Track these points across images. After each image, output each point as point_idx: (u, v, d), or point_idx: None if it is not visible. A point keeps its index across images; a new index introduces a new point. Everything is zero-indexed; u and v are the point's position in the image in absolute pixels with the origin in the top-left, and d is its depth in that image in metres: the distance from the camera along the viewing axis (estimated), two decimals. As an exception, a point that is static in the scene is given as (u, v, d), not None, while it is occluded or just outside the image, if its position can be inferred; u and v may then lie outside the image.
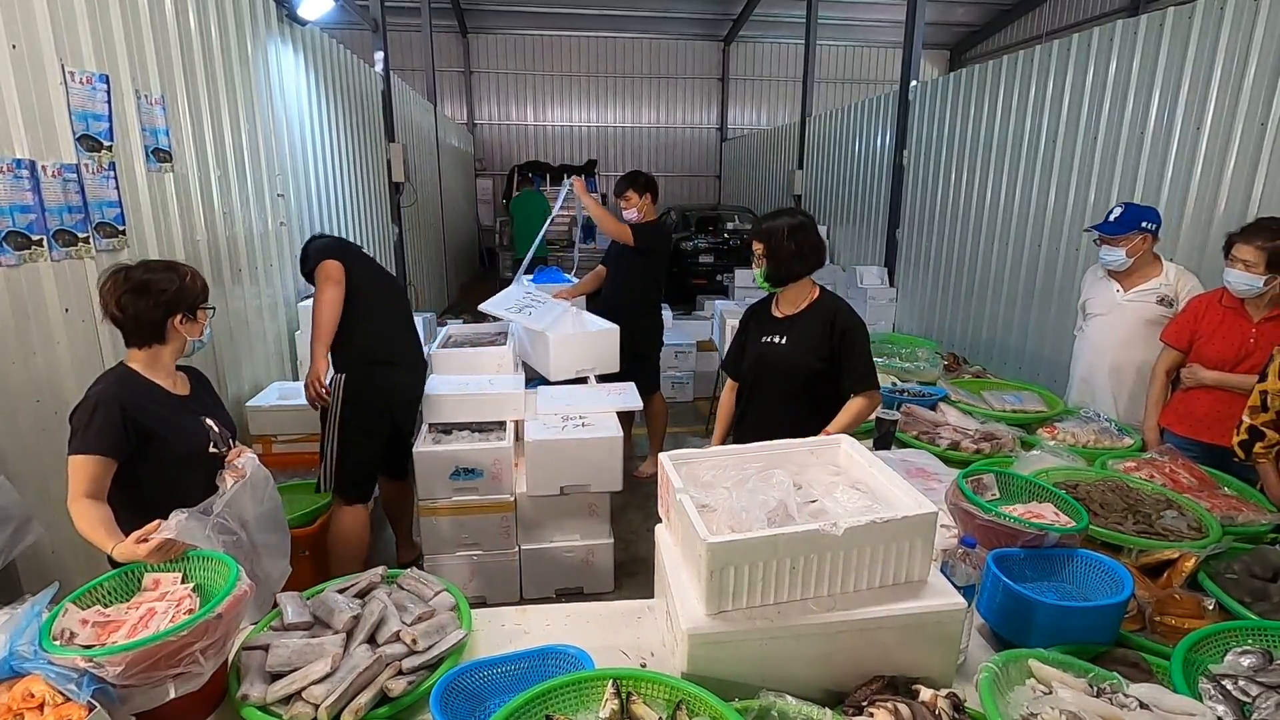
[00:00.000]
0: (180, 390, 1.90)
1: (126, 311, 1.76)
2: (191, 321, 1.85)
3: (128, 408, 1.71)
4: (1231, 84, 3.38)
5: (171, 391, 1.86)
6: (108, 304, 1.77)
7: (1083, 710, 1.10)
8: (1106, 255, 2.82)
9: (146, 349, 1.82)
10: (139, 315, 1.77)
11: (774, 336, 2.34)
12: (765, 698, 1.17)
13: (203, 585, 1.41)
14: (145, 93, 2.82)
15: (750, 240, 2.37)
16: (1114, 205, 2.88)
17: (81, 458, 1.65)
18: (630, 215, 3.98)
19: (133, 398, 1.75)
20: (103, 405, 1.69)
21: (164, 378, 1.86)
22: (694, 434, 5.11)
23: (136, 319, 1.77)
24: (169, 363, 1.87)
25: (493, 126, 14.44)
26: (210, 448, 1.87)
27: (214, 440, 1.88)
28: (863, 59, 14.57)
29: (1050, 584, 1.57)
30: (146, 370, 1.83)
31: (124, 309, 1.76)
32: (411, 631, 1.37)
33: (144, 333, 1.80)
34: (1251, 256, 2.33)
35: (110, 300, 1.76)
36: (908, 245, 6.56)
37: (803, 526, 1.26)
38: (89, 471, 1.64)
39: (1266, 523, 1.91)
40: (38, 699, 1.10)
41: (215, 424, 1.91)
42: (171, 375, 1.89)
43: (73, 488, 1.64)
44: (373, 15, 6.48)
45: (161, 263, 1.86)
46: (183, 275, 1.84)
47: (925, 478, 2.24)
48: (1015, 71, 4.94)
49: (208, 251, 3.28)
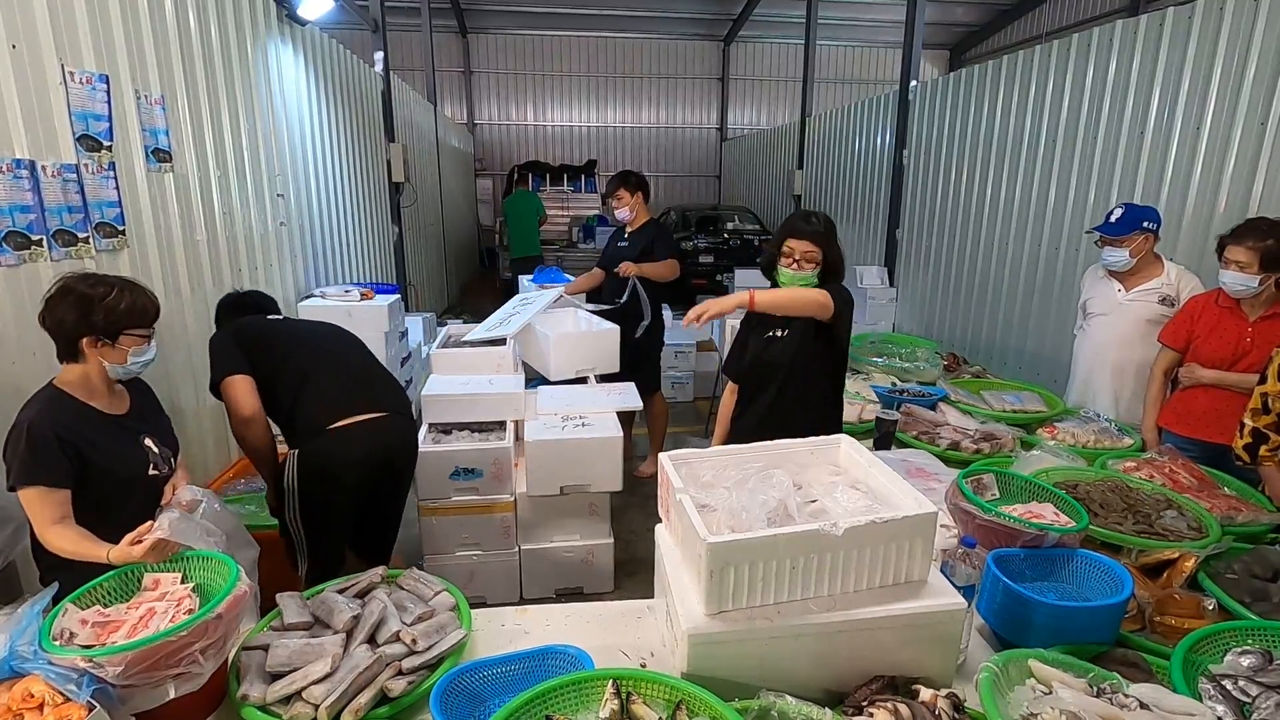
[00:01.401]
0: (117, 409, 1.77)
1: (45, 321, 1.65)
2: (108, 347, 1.67)
3: (61, 433, 1.59)
4: (1231, 84, 3.38)
5: (105, 412, 1.73)
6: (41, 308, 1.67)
7: (1083, 710, 1.10)
8: (1110, 256, 2.82)
9: (74, 366, 1.69)
10: (53, 327, 1.65)
11: (776, 330, 2.30)
12: (765, 698, 1.17)
13: (202, 585, 1.41)
14: (145, 93, 2.82)
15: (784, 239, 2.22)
16: (1114, 206, 2.87)
17: (34, 490, 1.56)
18: (622, 214, 4.01)
19: (64, 420, 1.62)
20: (35, 435, 1.57)
21: (99, 397, 1.72)
22: (694, 434, 5.10)
23: (52, 331, 1.66)
24: (99, 383, 1.72)
25: (493, 126, 14.44)
26: (150, 469, 1.77)
27: (154, 462, 1.78)
28: (863, 59, 14.57)
29: (1050, 584, 1.57)
30: (78, 390, 1.69)
31: (43, 318, 1.65)
32: (411, 631, 1.37)
33: (62, 348, 1.67)
34: (1244, 257, 2.34)
35: (41, 304, 1.66)
36: (908, 245, 6.56)
37: (803, 526, 1.26)
38: (47, 502, 1.56)
39: (1266, 522, 1.91)
40: (38, 699, 1.10)
41: (155, 444, 1.80)
42: (108, 394, 1.75)
43: (38, 521, 1.57)
44: (373, 15, 6.48)
45: (104, 276, 1.73)
46: (103, 294, 1.66)
47: (925, 478, 2.24)
48: (1015, 71, 4.94)
49: (208, 251, 3.28)
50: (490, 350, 3.45)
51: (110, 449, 1.70)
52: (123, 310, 1.68)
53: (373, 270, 6.11)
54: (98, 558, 1.49)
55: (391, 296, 4.55)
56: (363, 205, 5.88)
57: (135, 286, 1.74)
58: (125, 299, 1.69)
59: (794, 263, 2.19)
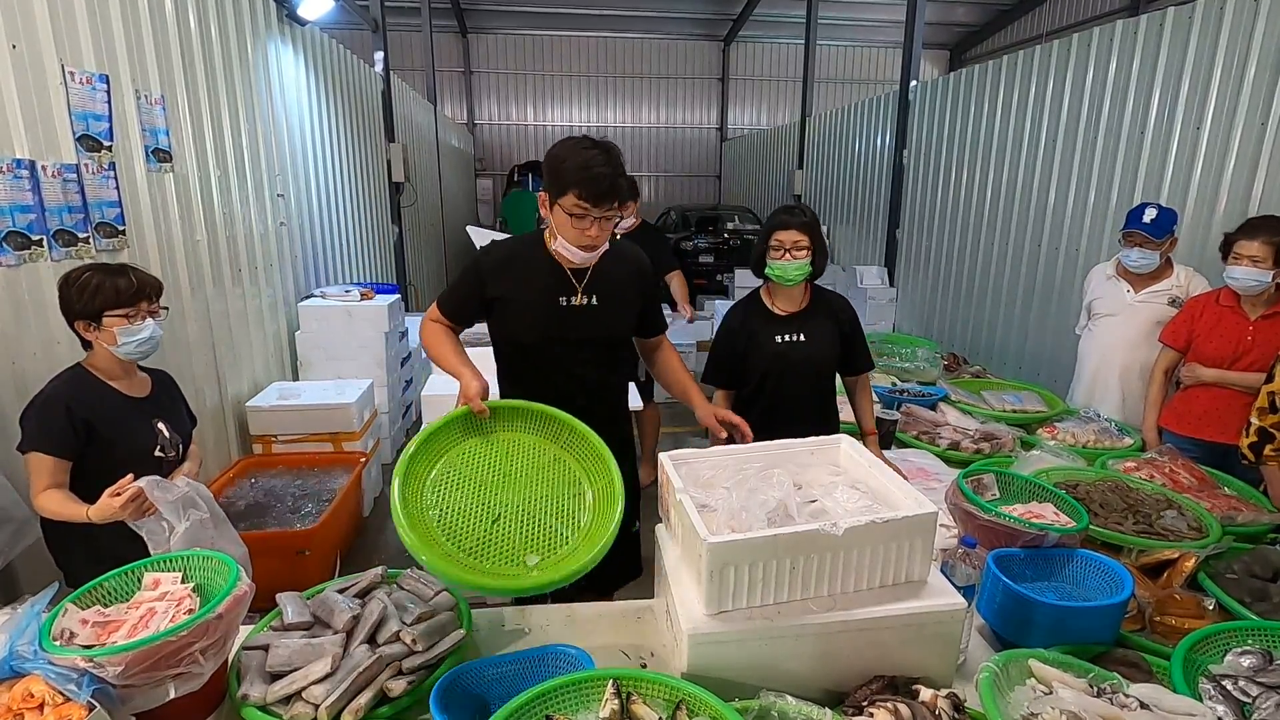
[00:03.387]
0: (137, 392, 1.90)
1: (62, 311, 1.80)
2: (96, 329, 1.79)
3: (74, 406, 1.74)
4: (1231, 84, 3.38)
5: (124, 393, 1.86)
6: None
7: (1083, 710, 1.10)
8: (1141, 259, 2.74)
9: (92, 350, 1.83)
10: (64, 317, 1.80)
11: (788, 334, 2.28)
12: (765, 698, 1.17)
13: (202, 585, 1.41)
14: (145, 93, 2.82)
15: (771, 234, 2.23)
16: (1143, 205, 2.77)
17: (34, 456, 1.71)
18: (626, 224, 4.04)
19: (80, 396, 1.77)
20: (48, 404, 1.73)
21: (118, 378, 1.86)
22: (694, 434, 5.10)
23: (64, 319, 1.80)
24: (114, 365, 1.85)
25: (493, 126, 14.44)
26: (156, 451, 1.87)
27: (161, 444, 1.89)
28: (863, 59, 14.57)
29: (1050, 584, 1.57)
30: (100, 372, 1.84)
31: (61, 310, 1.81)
32: (411, 631, 1.37)
33: (77, 334, 1.81)
34: (1259, 252, 2.32)
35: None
36: (908, 245, 6.56)
37: (803, 526, 1.26)
38: (43, 468, 1.70)
39: (1266, 522, 1.91)
40: (38, 699, 1.10)
41: (167, 428, 1.91)
42: (127, 376, 1.88)
43: (34, 484, 1.71)
44: (373, 15, 6.48)
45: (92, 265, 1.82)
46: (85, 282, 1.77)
47: (925, 478, 2.24)
48: (1015, 71, 4.94)
49: (208, 251, 3.28)
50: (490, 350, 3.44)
51: (119, 424, 1.82)
52: (92, 291, 1.75)
53: (373, 270, 6.11)
54: (78, 516, 1.62)
55: (391, 296, 4.55)
56: (363, 205, 5.88)
57: (112, 268, 1.81)
58: (95, 280, 1.76)
59: (784, 254, 2.20)
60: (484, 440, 1.63)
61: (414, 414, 5.06)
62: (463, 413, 1.63)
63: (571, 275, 1.86)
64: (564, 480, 1.60)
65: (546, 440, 1.67)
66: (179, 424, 1.97)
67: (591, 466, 1.61)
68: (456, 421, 1.62)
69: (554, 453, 1.65)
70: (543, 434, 1.67)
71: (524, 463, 1.61)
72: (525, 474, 1.58)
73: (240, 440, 3.53)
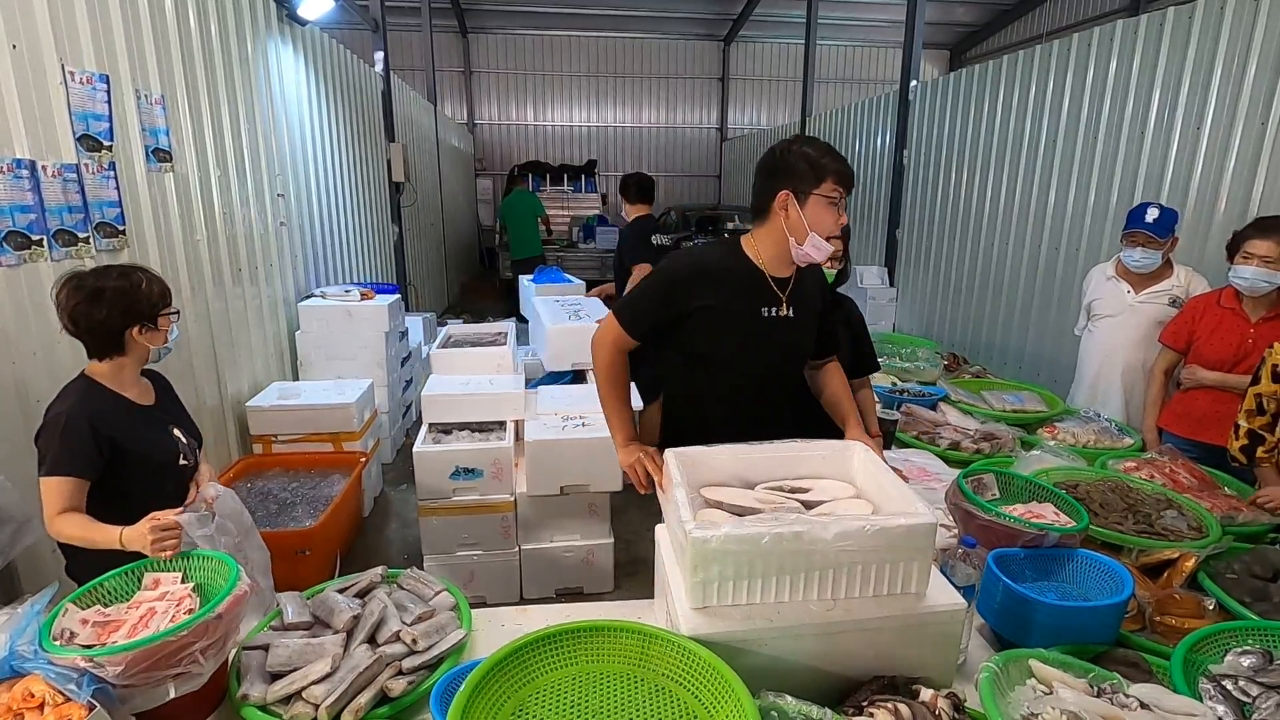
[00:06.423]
0: (146, 400, 1.82)
1: (81, 324, 1.66)
2: (152, 330, 1.74)
3: (97, 425, 1.64)
4: (1231, 84, 3.37)
5: (137, 402, 1.79)
6: (62, 316, 1.66)
7: (1083, 710, 1.10)
8: (1143, 259, 2.73)
9: (108, 360, 1.73)
10: (94, 328, 1.67)
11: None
12: (765, 698, 1.17)
13: (203, 585, 1.41)
14: (145, 93, 2.82)
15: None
16: (1145, 204, 2.77)
17: (56, 480, 1.59)
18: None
19: (100, 412, 1.67)
20: (71, 424, 1.62)
21: (129, 388, 1.77)
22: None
23: (92, 331, 1.68)
24: (133, 373, 1.78)
25: (493, 126, 14.42)
26: (180, 459, 1.82)
27: (182, 451, 1.84)
28: (863, 59, 14.56)
29: (1050, 584, 1.57)
30: (110, 381, 1.74)
31: (78, 321, 1.66)
32: (411, 631, 1.37)
33: (103, 345, 1.70)
34: (1271, 252, 2.31)
35: (64, 312, 1.66)
36: (908, 245, 6.56)
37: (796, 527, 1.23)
38: (64, 491, 1.60)
39: (1266, 522, 1.91)
40: (38, 699, 1.10)
41: (182, 434, 1.86)
42: (137, 384, 1.80)
43: (49, 509, 1.60)
44: (373, 15, 6.47)
45: (117, 268, 1.74)
46: (137, 283, 1.71)
47: (925, 478, 2.24)
48: (1015, 71, 4.94)
49: (208, 251, 3.28)
50: (490, 350, 3.46)
51: (145, 436, 1.76)
52: (158, 293, 1.76)
53: (373, 270, 6.11)
54: (109, 542, 1.52)
55: (391, 296, 4.55)
56: (363, 205, 5.88)
57: (147, 271, 1.80)
58: (156, 283, 1.77)
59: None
60: (560, 675, 1.23)
61: (414, 414, 5.06)
62: (529, 641, 1.23)
63: (774, 284, 1.79)
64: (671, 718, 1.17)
65: (641, 668, 1.25)
66: (190, 428, 1.92)
67: (706, 692, 1.16)
68: (516, 655, 1.21)
69: (654, 682, 1.23)
70: (637, 662, 1.26)
71: (613, 701, 1.19)
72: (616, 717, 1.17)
73: (240, 440, 3.53)
